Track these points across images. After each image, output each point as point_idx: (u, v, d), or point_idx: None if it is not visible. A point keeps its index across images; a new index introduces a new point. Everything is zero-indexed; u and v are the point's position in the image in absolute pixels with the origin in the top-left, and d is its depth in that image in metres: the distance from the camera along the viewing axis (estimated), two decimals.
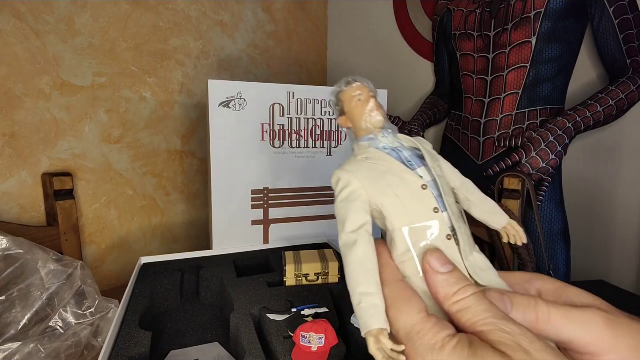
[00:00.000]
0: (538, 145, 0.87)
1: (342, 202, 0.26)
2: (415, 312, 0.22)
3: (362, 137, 0.29)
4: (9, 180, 0.85)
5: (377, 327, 0.22)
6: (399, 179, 0.26)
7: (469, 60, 1.04)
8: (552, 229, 0.94)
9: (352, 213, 0.26)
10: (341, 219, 0.26)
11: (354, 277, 0.24)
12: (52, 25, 0.87)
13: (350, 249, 0.25)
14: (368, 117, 0.28)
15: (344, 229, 0.25)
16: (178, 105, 1.12)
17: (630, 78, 0.85)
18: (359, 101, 0.29)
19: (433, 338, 0.20)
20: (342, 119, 0.30)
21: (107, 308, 0.66)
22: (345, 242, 0.25)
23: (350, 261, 0.24)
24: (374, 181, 0.26)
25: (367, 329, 0.22)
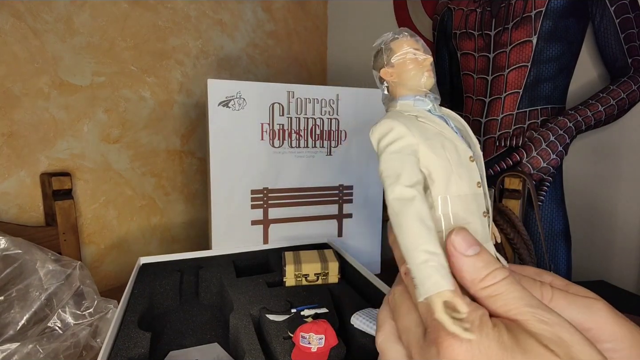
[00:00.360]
0: (539, 145, 0.87)
1: (396, 154, 0.23)
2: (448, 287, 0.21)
3: (407, 96, 0.26)
4: (8, 180, 0.84)
5: (449, 288, 0.20)
6: (452, 145, 0.24)
7: (469, 59, 1.03)
8: (553, 229, 0.93)
9: (408, 167, 0.23)
10: (394, 171, 0.23)
11: (416, 232, 0.21)
12: (51, 25, 0.87)
13: (410, 203, 0.22)
14: (422, 75, 0.26)
15: (400, 181, 0.22)
16: (177, 105, 1.12)
17: (632, 77, 0.85)
18: (415, 56, 0.26)
19: (470, 315, 0.20)
20: (387, 71, 0.26)
21: (106, 308, 0.66)
22: (401, 195, 0.22)
23: (409, 216, 0.22)
24: (429, 140, 0.24)
25: (438, 290, 0.20)
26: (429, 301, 0.20)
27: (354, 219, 0.96)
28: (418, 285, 0.21)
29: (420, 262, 0.21)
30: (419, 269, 0.21)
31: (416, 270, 0.21)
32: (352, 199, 0.95)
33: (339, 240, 0.95)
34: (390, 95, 0.27)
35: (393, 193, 0.22)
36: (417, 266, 0.21)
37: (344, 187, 0.94)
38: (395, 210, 0.22)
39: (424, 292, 0.20)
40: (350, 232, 0.96)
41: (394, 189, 0.23)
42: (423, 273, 0.21)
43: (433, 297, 0.20)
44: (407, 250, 0.21)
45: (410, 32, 0.27)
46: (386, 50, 0.27)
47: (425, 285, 0.20)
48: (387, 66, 0.27)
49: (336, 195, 0.94)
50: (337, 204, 0.94)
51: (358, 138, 0.92)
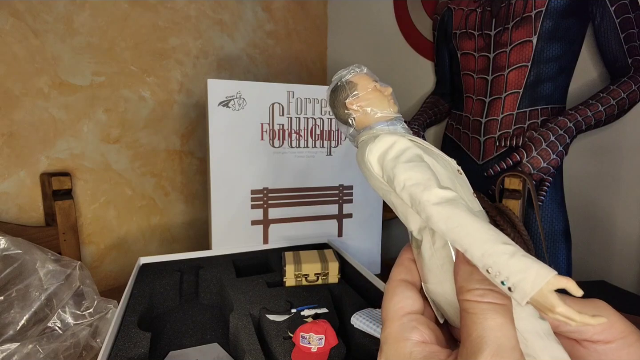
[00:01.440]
0: (539, 145, 0.87)
1: (412, 163, 0.22)
2: (401, 303, 0.22)
3: (379, 123, 0.26)
4: (8, 180, 0.84)
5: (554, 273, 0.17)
6: (441, 157, 0.24)
7: (469, 59, 1.03)
8: (553, 229, 0.93)
9: (431, 172, 0.22)
10: (421, 177, 0.21)
11: (485, 227, 0.19)
12: (51, 25, 0.87)
13: (456, 202, 0.20)
14: (390, 101, 0.27)
15: (432, 185, 0.21)
16: (177, 105, 1.12)
17: (632, 77, 0.85)
18: (377, 87, 0.27)
19: (402, 341, 0.20)
20: (352, 102, 0.27)
21: (106, 309, 0.66)
22: (442, 197, 0.20)
23: (465, 214, 0.19)
24: (425, 153, 0.23)
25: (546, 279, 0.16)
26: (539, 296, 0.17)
27: (354, 219, 0.96)
28: (518, 283, 0.17)
29: (510, 255, 0.17)
30: (512, 262, 0.17)
31: (507, 266, 0.17)
32: (352, 199, 0.95)
33: (339, 240, 0.95)
34: (358, 127, 0.27)
35: (432, 197, 0.20)
36: (507, 261, 0.17)
37: (344, 187, 0.94)
38: (445, 213, 0.20)
39: (532, 287, 0.17)
40: (350, 232, 0.96)
41: (430, 193, 0.20)
42: (519, 265, 0.17)
43: (544, 289, 0.16)
44: (483, 249, 0.18)
45: (365, 67, 0.28)
46: (347, 84, 0.28)
47: (528, 279, 0.17)
48: (352, 97, 0.27)
49: (336, 195, 0.93)
50: (337, 204, 0.94)
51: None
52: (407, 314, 0.22)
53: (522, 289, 0.17)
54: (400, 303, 0.22)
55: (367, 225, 0.97)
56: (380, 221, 0.99)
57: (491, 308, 0.19)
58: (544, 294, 0.17)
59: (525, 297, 0.17)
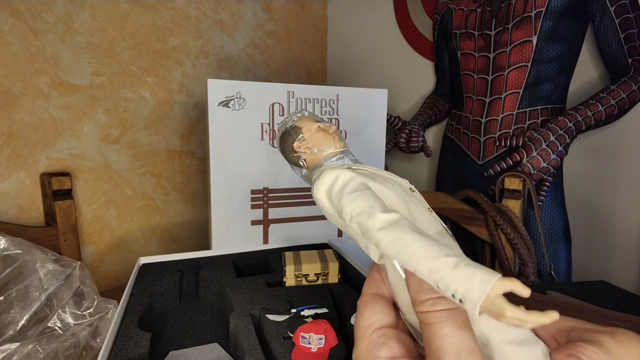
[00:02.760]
0: (539, 145, 0.87)
1: (355, 193, 0.23)
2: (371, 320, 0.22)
3: (328, 159, 0.28)
4: (8, 180, 0.84)
5: (498, 276, 0.17)
6: (390, 179, 0.25)
7: (469, 59, 1.03)
8: (553, 229, 0.93)
9: (374, 198, 0.22)
10: (365, 205, 0.22)
11: (428, 244, 0.19)
12: (51, 25, 0.87)
13: (399, 224, 0.20)
14: (335, 138, 0.29)
15: (375, 211, 0.21)
16: (177, 105, 1.12)
17: (632, 77, 0.85)
18: (320, 127, 0.29)
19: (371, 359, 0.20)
20: (300, 145, 0.29)
21: (106, 309, 0.66)
22: (386, 222, 0.21)
23: (408, 234, 0.20)
24: (373, 178, 0.24)
25: (490, 284, 0.16)
26: (487, 303, 0.16)
27: None
28: (465, 294, 0.17)
29: (454, 267, 0.18)
30: (456, 274, 0.17)
31: (453, 278, 0.17)
32: None
33: (339, 240, 0.95)
34: (309, 167, 0.29)
35: (377, 223, 0.21)
36: (451, 273, 0.17)
37: None
38: (390, 237, 0.20)
39: (479, 295, 0.16)
40: None
41: (375, 220, 0.21)
42: (464, 275, 0.17)
43: (490, 295, 0.16)
44: (429, 267, 0.18)
45: (307, 110, 0.31)
46: (292, 129, 0.30)
47: (475, 288, 0.17)
48: (299, 140, 0.29)
49: None
50: None
51: (358, 138, 0.92)
52: (376, 329, 0.22)
53: (471, 299, 0.17)
54: (371, 319, 0.22)
55: None
56: None
57: (444, 315, 0.19)
58: (491, 299, 0.16)
59: (476, 306, 0.16)
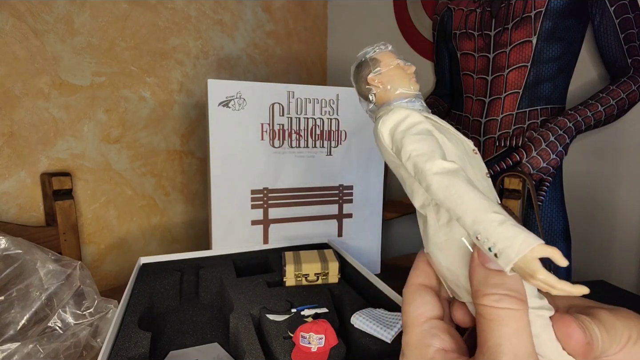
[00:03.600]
0: (539, 145, 0.87)
1: (422, 135, 0.22)
2: (421, 309, 0.22)
3: (398, 99, 0.26)
4: (8, 180, 0.84)
5: (540, 242, 0.17)
6: (456, 136, 0.24)
7: (469, 59, 1.03)
8: (553, 229, 0.93)
9: (438, 145, 0.22)
10: (428, 148, 0.22)
11: (478, 197, 0.19)
12: (51, 25, 0.87)
13: (457, 173, 0.20)
14: (412, 80, 0.27)
15: (436, 156, 0.21)
16: (177, 105, 1.12)
17: (632, 78, 0.85)
18: (400, 65, 0.27)
19: (423, 347, 0.20)
20: (374, 78, 0.27)
21: (106, 308, 0.66)
22: (444, 168, 0.21)
23: (463, 183, 0.20)
24: (437, 131, 0.23)
25: (530, 247, 0.17)
26: (522, 262, 0.17)
27: (354, 219, 0.96)
28: (503, 250, 0.17)
29: (500, 223, 0.18)
30: (500, 230, 0.18)
31: (496, 232, 0.18)
32: (352, 199, 0.95)
33: (339, 240, 0.95)
34: (378, 103, 0.27)
35: (434, 167, 0.21)
36: (496, 228, 0.18)
37: (344, 187, 0.94)
38: (444, 182, 0.20)
39: (516, 253, 0.17)
40: (350, 232, 0.96)
41: (433, 164, 0.21)
42: (507, 232, 0.18)
43: (528, 256, 0.17)
44: (475, 216, 0.19)
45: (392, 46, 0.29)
46: (371, 60, 0.28)
47: (514, 246, 0.17)
48: (375, 72, 0.27)
49: (336, 195, 0.94)
50: (337, 204, 0.94)
51: (358, 138, 0.92)
52: (427, 319, 0.22)
53: (507, 255, 0.17)
54: (420, 309, 0.22)
55: (367, 225, 0.98)
56: (380, 221, 0.99)
57: (507, 314, 0.18)
58: (527, 259, 0.17)
59: (510, 262, 0.17)
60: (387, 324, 0.53)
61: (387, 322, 0.54)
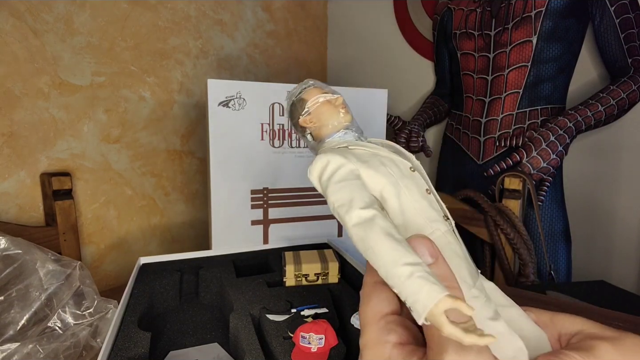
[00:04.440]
0: (539, 145, 0.87)
1: (341, 183, 0.23)
2: (377, 307, 0.22)
3: (331, 134, 0.27)
4: (8, 180, 0.84)
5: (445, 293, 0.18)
6: (389, 159, 0.25)
7: (469, 59, 1.03)
8: (553, 229, 0.93)
9: (357, 191, 0.23)
10: (346, 199, 0.22)
11: (390, 248, 0.20)
12: (51, 25, 0.87)
13: (371, 224, 0.21)
14: (340, 113, 0.28)
15: (354, 206, 0.22)
16: (177, 105, 1.12)
17: (632, 77, 0.85)
18: (327, 100, 0.28)
19: (380, 344, 0.20)
20: (305, 119, 0.28)
21: (106, 308, 0.66)
22: (360, 218, 0.21)
23: (376, 234, 0.21)
24: (366, 162, 0.24)
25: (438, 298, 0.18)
26: (429, 317, 0.18)
27: None
28: (412, 304, 0.18)
29: (406, 277, 0.19)
30: (407, 284, 0.19)
31: (404, 288, 0.19)
32: None
33: (339, 240, 0.95)
34: (315, 140, 0.29)
35: (351, 219, 0.22)
36: (403, 283, 0.19)
37: None
38: (360, 235, 0.21)
39: (423, 309, 0.18)
40: None
41: (351, 215, 0.22)
42: (413, 287, 0.18)
43: (433, 310, 0.18)
44: (386, 271, 0.20)
45: (315, 81, 0.30)
46: (298, 102, 0.29)
47: (420, 301, 0.18)
48: (303, 115, 0.28)
49: None
50: None
51: None
52: (383, 316, 0.22)
53: (416, 310, 0.18)
54: (377, 307, 0.22)
55: None
56: None
57: None
58: (433, 314, 0.18)
59: (420, 318, 0.18)
60: None
61: None
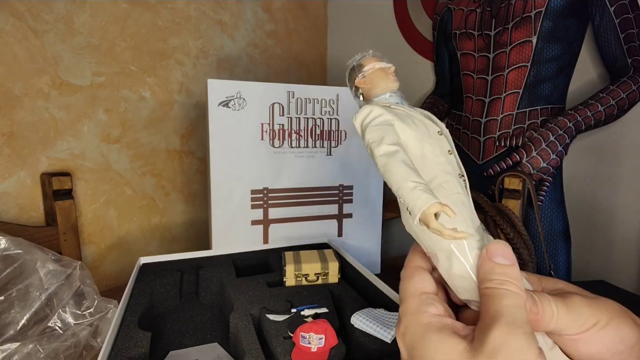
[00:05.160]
0: (539, 145, 0.87)
1: (377, 126, 0.28)
2: (418, 285, 0.24)
3: (379, 95, 0.32)
4: (8, 180, 0.84)
5: (437, 200, 0.23)
6: (421, 121, 0.29)
7: (469, 59, 1.03)
8: (553, 229, 0.93)
9: (389, 133, 0.27)
10: (378, 137, 0.27)
11: (404, 171, 0.25)
12: (51, 25, 0.87)
13: (394, 155, 0.26)
14: (390, 79, 0.32)
15: (383, 142, 0.27)
16: (177, 105, 1.12)
17: (632, 77, 0.85)
18: (380, 68, 0.33)
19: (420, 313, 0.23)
20: (361, 81, 0.33)
21: (106, 308, 0.66)
22: (386, 151, 0.26)
23: (396, 163, 0.25)
24: (401, 119, 0.29)
25: (428, 204, 0.22)
26: (422, 216, 0.23)
27: (354, 219, 0.96)
28: (412, 209, 0.23)
29: (410, 189, 0.24)
30: (410, 194, 0.23)
31: (407, 197, 0.24)
32: (352, 199, 0.95)
33: (339, 240, 0.95)
34: (365, 100, 0.33)
35: (379, 151, 0.26)
36: (407, 193, 0.24)
37: (344, 187, 0.94)
38: (384, 161, 0.26)
39: (418, 210, 0.23)
40: (350, 232, 0.96)
41: (379, 148, 0.26)
42: (413, 195, 0.23)
43: (425, 211, 0.22)
44: (398, 186, 0.24)
45: (374, 51, 0.34)
46: (358, 66, 0.34)
47: (417, 205, 0.23)
48: (359, 77, 0.33)
49: (336, 195, 0.94)
50: (337, 204, 0.94)
51: (358, 138, 0.92)
52: (424, 292, 0.24)
53: (413, 211, 0.23)
54: (418, 284, 0.25)
55: (367, 225, 0.98)
56: (380, 221, 0.99)
57: (508, 293, 0.21)
58: (425, 214, 0.23)
59: (415, 216, 0.23)
60: (387, 324, 0.53)
61: (387, 322, 0.54)
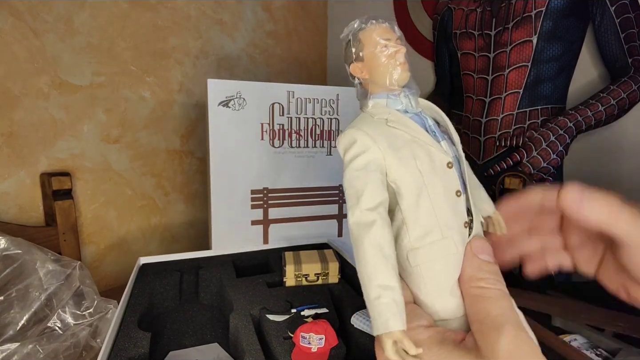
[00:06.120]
0: (539, 145, 0.87)
1: (359, 172, 0.22)
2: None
3: (380, 94, 0.23)
4: (8, 180, 0.84)
5: (399, 329, 0.20)
6: (426, 152, 0.22)
7: (469, 59, 1.03)
8: None
9: (370, 186, 0.21)
10: (356, 192, 0.22)
11: (372, 264, 0.21)
12: (51, 25, 0.87)
13: (367, 230, 0.21)
14: (395, 71, 0.23)
15: (360, 204, 0.21)
16: (177, 105, 1.12)
17: (632, 77, 0.85)
18: (385, 48, 0.23)
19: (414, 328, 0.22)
20: (356, 67, 0.23)
21: (106, 309, 0.66)
22: (359, 220, 0.21)
23: (366, 245, 0.21)
24: (397, 151, 0.22)
25: (388, 330, 0.20)
26: (380, 339, 0.20)
27: None
28: (372, 321, 0.21)
29: (373, 299, 0.21)
30: (372, 305, 0.21)
31: (370, 306, 0.21)
32: None
33: (339, 240, 0.95)
34: (364, 89, 0.25)
35: (353, 217, 0.22)
36: (370, 302, 0.21)
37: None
38: (355, 235, 0.22)
39: (376, 330, 0.21)
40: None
41: (354, 212, 0.22)
42: (376, 310, 0.21)
43: (383, 337, 0.20)
44: (362, 283, 0.22)
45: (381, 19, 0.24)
46: (354, 42, 0.24)
47: (377, 323, 0.21)
48: (356, 61, 0.24)
49: (336, 195, 0.93)
50: (337, 204, 0.94)
51: None
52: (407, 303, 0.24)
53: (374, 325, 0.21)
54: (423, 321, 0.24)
55: None
56: None
57: (501, 294, 0.22)
58: (383, 339, 0.20)
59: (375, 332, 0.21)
60: None
61: None
